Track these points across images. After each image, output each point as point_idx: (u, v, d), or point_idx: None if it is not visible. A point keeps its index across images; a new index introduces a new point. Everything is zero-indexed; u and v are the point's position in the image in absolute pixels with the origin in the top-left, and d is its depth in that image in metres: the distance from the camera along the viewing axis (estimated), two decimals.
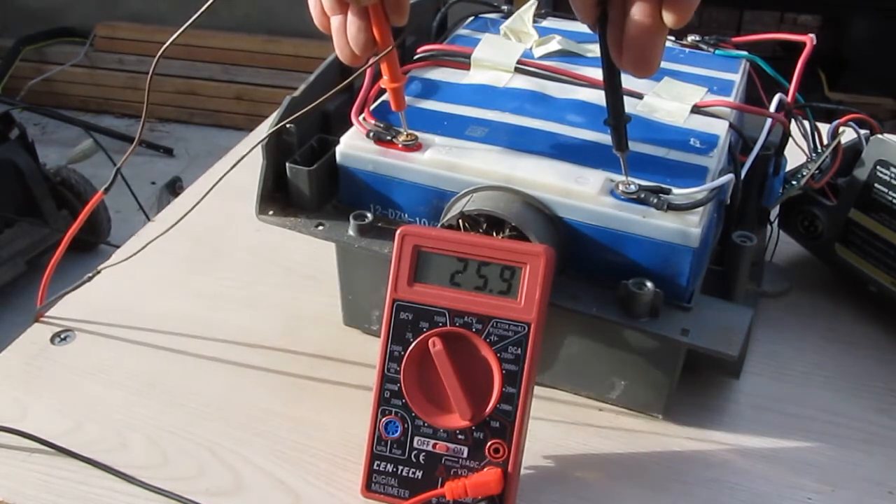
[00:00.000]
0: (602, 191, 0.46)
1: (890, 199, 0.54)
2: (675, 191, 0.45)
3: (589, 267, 0.47)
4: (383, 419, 0.43)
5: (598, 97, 0.54)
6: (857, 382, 0.54)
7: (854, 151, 0.56)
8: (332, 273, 0.55)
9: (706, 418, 0.51)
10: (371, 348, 0.56)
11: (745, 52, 0.61)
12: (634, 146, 0.49)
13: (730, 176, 0.47)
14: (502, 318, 0.41)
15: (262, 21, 2.57)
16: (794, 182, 0.56)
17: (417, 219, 0.50)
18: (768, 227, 0.59)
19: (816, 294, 0.62)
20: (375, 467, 0.44)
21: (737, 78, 0.57)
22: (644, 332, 0.45)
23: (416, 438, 0.43)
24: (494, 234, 0.46)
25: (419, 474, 0.43)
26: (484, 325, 0.41)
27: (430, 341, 0.42)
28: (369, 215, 0.50)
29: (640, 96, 0.54)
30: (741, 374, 0.53)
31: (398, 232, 0.43)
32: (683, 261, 0.45)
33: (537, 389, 0.53)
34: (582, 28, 0.65)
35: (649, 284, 0.44)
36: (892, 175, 0.53)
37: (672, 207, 0.44)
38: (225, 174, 0.51)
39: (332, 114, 0.55)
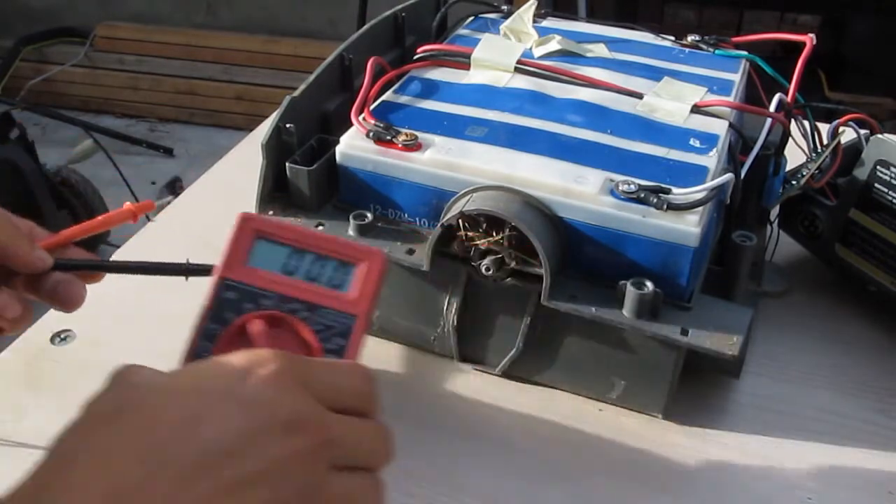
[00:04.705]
0: (602, 190, 0.46)
1: (890, 199, 0.54)
2: (675, 190, 0.45)
3: (589, 266, 0.47)
4: None
5: (598, 97, 0.54)
6: (857, 382, 0.54)
7: (854, 151, 0.56)
8: None
9: (706, 418, 0.51)
10: (371, 348, 0.56)
11: (745, 52, 0.61)
12: (634, 146, 0.50)
13: (729, 175, 0.47)
14: (330, 309, 0.40)
15: (262, 21, 2.57)
16: (794, 182, 0.56)
17: (417, 218, 0.50)
18: (768, 227, 0.59)
19: (816, 294, 0.62)
20: None
21: (737, 78, 0.57)
22: (644, 332, 0.45)
23: None
24: (494, 233, 0.46)
25: None
26: (311, 314, 0.40)
27: (251, 322, 0.40)
28: (369, 215, 0.50)
29: (640, 96, 0.54)
30: (741, 373, 0.53)
31: (239, 216, 0.41)
32: (683, 260, 0.45)
33: (538, 389, 0.53)
34: (582, 28, 0.66)
35: (649, 284, 0.44)
36: (892, 175, 0.53)
37: (672, 207, 0.44)
38: None
39: (332, 114, 0.55)
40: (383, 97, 0.54)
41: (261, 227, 0.41)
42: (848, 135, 0.57)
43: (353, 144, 0.50)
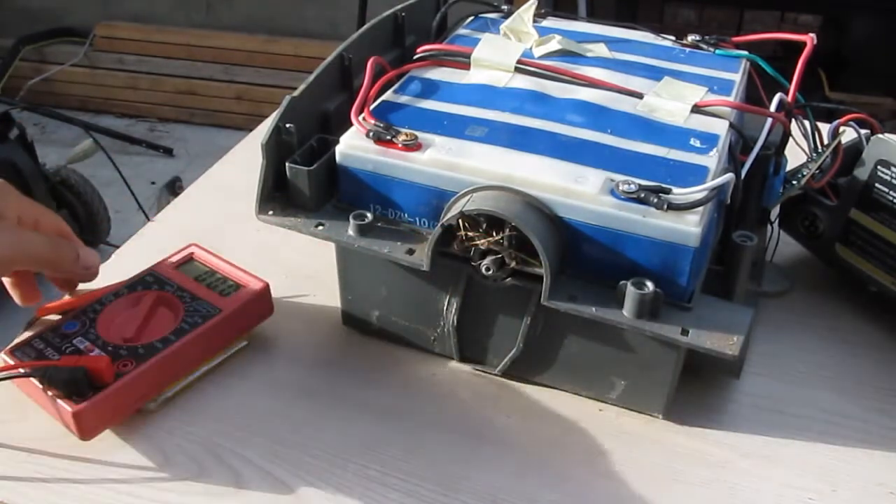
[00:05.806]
0: (602, 190, 0.45)
1: (890, 198, 0.54)
2: (675, 190, 0.45)
3: (589, 267, 0.47)
4: (72, 318, 0.53)
5: (598, 97, 0.54)
6: (857, 382, 0.54)
7: (855, 151, 0.56)
8: (332, 273, 0.55)
9: (706, 418, 0.51)
10: (371, 348, 0.56)
11: (745, 52, 0.61)
12: (634, 146, 0.50)
13: (730, 175, 0.47)
14: (205, 301, 0.54)
15: (262, 21, 2.57)
16: (794, 182, 0.56)
17: (417, 218, 0.50)
18: (768, 227, 0.59)
19: (816, 294, 0.62)
20: (33, 343, 0.51)
21: (737, 78, 0.57)
22: (644, 332, 0.45)
23: (79, 338, 0.51)
24: (494, 233, 0.46)
25: (57, 357, 0.50)
26: (191, 301, 0.54)
27: (148, 294, 0.54)
28: (369, 215, 0.50)
29: (640, 96, 0.54)
30: (741, 373, 0.53)
31: (191, 245, 0.59)
32: (683, 260, 0.45)
33: (537, 389, 0.53)
34: (582, 28, 0.66)
35: (649, 284, 0.44)
36: (893, 175, 0.53)
37: (672, 207, 0.44)
38: None
39: (332, 114, 0.55)
40: (383, 97, 0.54)
41: (199, 256, 0.58)
42: (848, 135, 0.57)
43: (353, 144, 0.50)
